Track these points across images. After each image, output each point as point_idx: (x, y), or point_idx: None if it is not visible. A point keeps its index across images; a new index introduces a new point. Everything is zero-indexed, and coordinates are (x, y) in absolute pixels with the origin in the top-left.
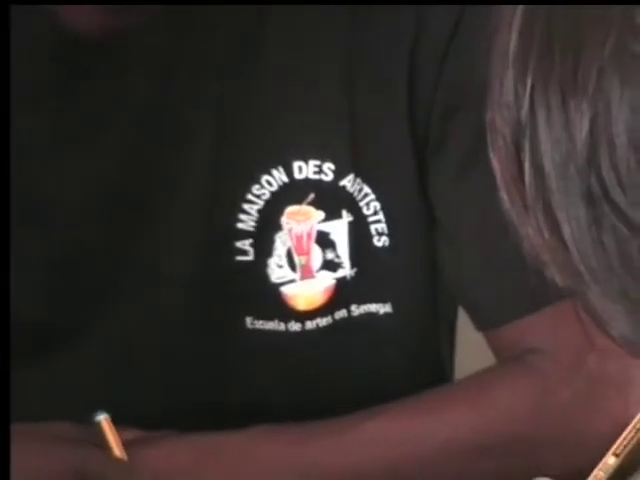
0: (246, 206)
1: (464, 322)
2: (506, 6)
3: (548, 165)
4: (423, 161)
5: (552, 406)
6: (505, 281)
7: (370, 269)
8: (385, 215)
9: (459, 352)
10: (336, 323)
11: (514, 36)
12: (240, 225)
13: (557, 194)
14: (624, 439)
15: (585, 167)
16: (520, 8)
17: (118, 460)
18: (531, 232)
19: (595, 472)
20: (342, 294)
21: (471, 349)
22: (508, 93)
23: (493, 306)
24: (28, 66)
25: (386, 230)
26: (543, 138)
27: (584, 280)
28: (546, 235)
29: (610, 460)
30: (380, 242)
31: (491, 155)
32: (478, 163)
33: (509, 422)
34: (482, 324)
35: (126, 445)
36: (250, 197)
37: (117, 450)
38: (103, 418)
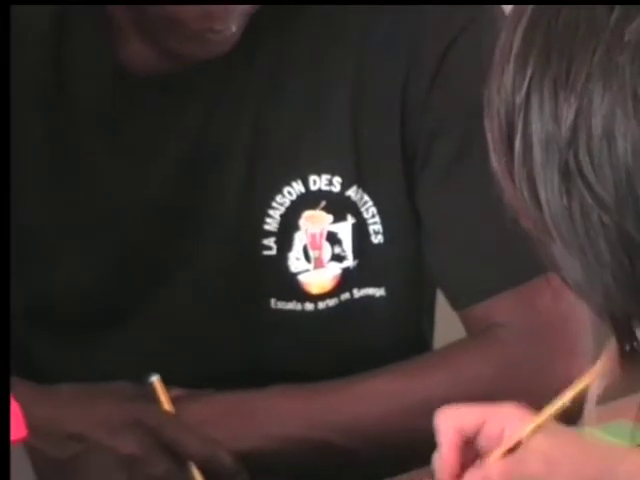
0: (271, 211)
1: (442, 302)
2: (514, 9)
3: (535, 141)
4: (411, 175)
5: (511, 370)
6: (474, 269)
7: (368, 261)
8: (380, 218)
9: (438, 326)
10: (342, 303)
11: (518, 36)
12: (266, 226)
13: (539, 165)
14: (578, 386)
15: (566, 147)
16: (526, 14)
17: (167, 412)
18: (514, 194)
19: (552, 408)
20: (346, 281)
21: (447, 324)
22: (507, 80)
23: (464, 289)
24: (94, 97)
25: (381, 230)
26: (534, 120)
27: (552, 236)
28: (526, 196)
29: (564, 403)
30: (376, 239)
31: (486, 127)
32: (455, 176)
33: (476, 383)
34: (456, 304)
35: (173, 400)
36: (274, 204)
37: (167, 404)
38: (155, 379)
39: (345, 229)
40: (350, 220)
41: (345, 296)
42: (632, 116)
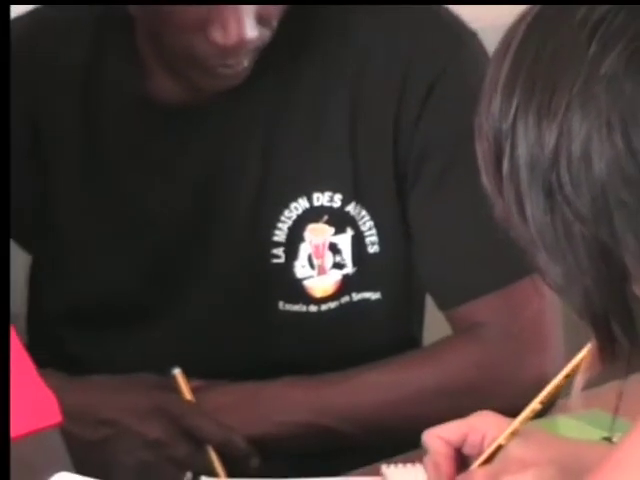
0: (279, 224)
1: (430, 304)
2: (501, 41)
3: (522, 163)
4: (403, 192)
5: (490, 365)
6: (458, 274)
7: (365, 268)
8: (376, 230)
9: (426, 325)
10: (342, 306)
11: (505, 67)
12: (275, 238)
13: (525, 184)
14: (547, 392)
15: (549, 168)
16: (513, 47)
17: (188, 401)
18: (503, 208)
19: (525, 413)
20: (346, 286)
21: (435, 324)
22: (495, 108)
23: (449, 292)
24: (123, 123)
25: (377, 241)
26: (520, 144)
27: (537, 246)
28: (513, 211)
29: (536, 407)
30: (372, 249)
31: (477, 149)
32: (441, 193)
33: (459, 375)
34: (442, 305)
35: (193, 390)
36: (282, 218)
37: (187, 394)
38: (177, 371)
39: (345, 240)
40: (349, 232)
41: (345, 299)
42: (606, 140)
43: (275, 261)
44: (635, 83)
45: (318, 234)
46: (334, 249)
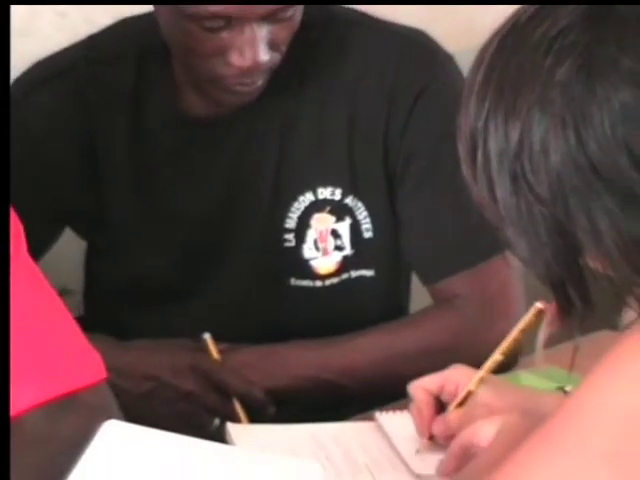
0: (290, 214)
1: (415, 280)
2: (477, 53)
3: (492, 155)
4: (392, 188)
5: (464, 329)
6: (438, 255)
7: (361, 250)
8: (370, 219)
9: (413, 297)
10: (342, 281)
11: (479, 77)
12: (287, 225)
13: (495, 172)
14: (507, 343)
15: (513, 159)
16: (486, 60)
17: (216, 360)
18: (477, 192)
19: (489, 362)
20: (345, 265)
21: (420, 296)
22: (471, 110)
23: (431, 270)
24: (163, 135)
25: (371, 228)
26: (491, 140)
27: (505, 223)
28: (486, 195)
29: (498, 357)
30: (367, 235)
31: (458, 145)
32: (424, 188)
33: (438, 338)
34: (425, 281)
35: (220, 352)
36: (292, 209)
37: (215, 354)
38: (207, 336)
39: (344, 227)
40: (348, 221)
41: (345, 276)
42: (561, 136)
43: (287, 245)
44: (584, 88)
45: (322, 222)
46: (335, 234)
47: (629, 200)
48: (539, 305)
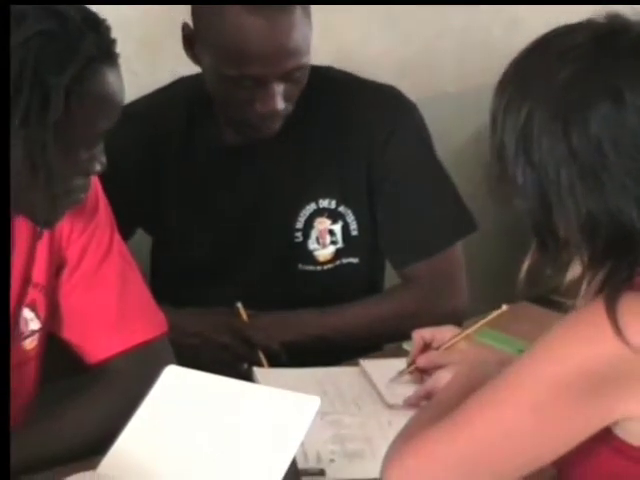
0: (299, 218)
1: (389, 266)
2: (511, 60)
3: (508, 141)
4: (372, 199)
5: (423, 302)
6: (404, 247)
7: (350, 244)
8: (356, 222)
9: (386, 278)
10: (336, 267)
11: (507, 78)
12: (297, 226)
13: (511, 156)
14: (478, 326)
15: (524, 145)
16: (511, 67)
17: (245, 322)
18: (499, 170)
19: (469, 330)
20: (338, 254)
21: (391, 277)
22: (500, 106)
23: (399, 258)
24: (208, 157)
25: (357, 228)
26: (507, 129)
27: (515, 192)
28: (502, 172)
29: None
30: (354, 233)
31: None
32: (395, 200)
33: (404, 308)
34: (395, 266)
35: (249, 316)
36: (301, 214)
37: (245, 317)
38: (239, 304)
39: (338, 228)
40: (340, 223)
41: (338, 262)
42: (551, 124)
43: (296, 240)
44: (578, 93)
45: (322, 224)
46: (331, 233)
47: (586, 175)
48: (505, 307)
